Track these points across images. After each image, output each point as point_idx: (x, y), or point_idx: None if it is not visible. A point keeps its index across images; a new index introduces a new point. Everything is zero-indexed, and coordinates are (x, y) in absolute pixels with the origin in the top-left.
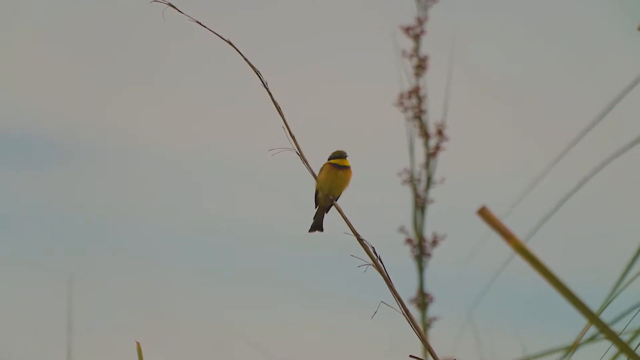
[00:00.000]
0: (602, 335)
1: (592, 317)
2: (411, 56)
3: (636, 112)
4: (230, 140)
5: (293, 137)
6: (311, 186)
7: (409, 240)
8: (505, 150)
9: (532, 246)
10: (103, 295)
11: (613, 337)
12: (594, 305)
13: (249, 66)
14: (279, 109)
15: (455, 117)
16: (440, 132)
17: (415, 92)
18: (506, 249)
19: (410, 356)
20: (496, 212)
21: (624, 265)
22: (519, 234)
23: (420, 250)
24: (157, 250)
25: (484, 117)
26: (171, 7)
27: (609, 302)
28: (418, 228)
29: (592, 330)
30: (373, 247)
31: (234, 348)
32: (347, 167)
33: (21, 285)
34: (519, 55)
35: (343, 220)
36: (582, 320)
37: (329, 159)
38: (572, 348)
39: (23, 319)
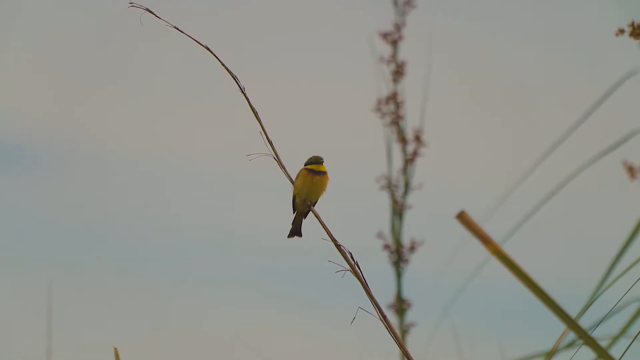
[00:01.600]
0: (580, 341)
1: (571, 323)
2: (389, 62)
3: (617, 117)
4: (208, 146)
5: (270, 143)
6: (289, 192)
7: (386, 246)
8: (484, 155)
9: (510, 251)
10: (101, 300)
11: (591, 342)
12: (573, 311)
13: (227, 71)
14: (256, 114)
15: (433, 123)
16: (418, 138)
17: (393, 97)
18: (485, 253)
19: None
20: (475, 217)
21: (603, 271)
22: (498, 238)
23: (398, 256)
24: (134, 255)
25: (462, 123)
26: (148, 12)
27: (587, 307)
28: (396, 234)
29: (571, 336)
30: (350, 253)
31: (212, 351)
32: (323, 173)
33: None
34: (499, 59)
35: (320, 225)
36: (561, 326)
37: (305, 165)
38: (550, 354)
39: (3, 324)
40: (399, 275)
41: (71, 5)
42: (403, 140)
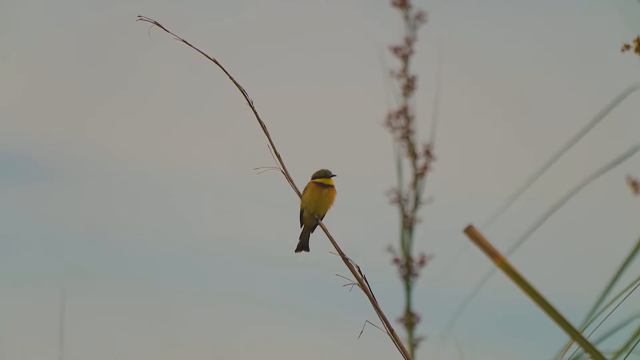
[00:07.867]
0: (585, 354)
1: (576, 335)
2: (399, 76)
3: (623, 128)
4: (216, 159)
5: (278, 156)
6: (296, 205)
7: (396, 260)
8: (494, 169)
9: (516, 263)
10: (110, 312)
11: (597, 355)
12: (577, 324)
13: (235, 85)
14: (264, 127)
15: (443, 137)
16: (428, 152)
17: (403, 112)
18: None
19: None
20: (483, 231)
21: (606, 284)
22: (504, 249)
23: (408, 270)
24: (142, 267)
25: (472, 137)
26: (157, 26)
27: (592, 320)
28: (406, 248)
29: (576, 349)
30: (358, 266)
31: None
32: (331, 186)
33: (10, 300)
34: (509, 73)
35: (328, 239)
36: (566, 339)
37: (313, 178)
38: None
39: (14, 334)
40: (408, 289)
41: (75, 15)
42: (413, 155)
